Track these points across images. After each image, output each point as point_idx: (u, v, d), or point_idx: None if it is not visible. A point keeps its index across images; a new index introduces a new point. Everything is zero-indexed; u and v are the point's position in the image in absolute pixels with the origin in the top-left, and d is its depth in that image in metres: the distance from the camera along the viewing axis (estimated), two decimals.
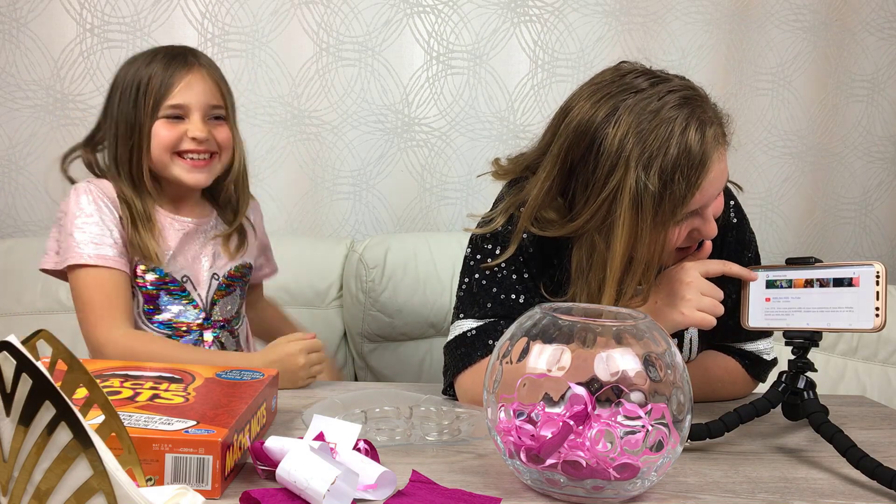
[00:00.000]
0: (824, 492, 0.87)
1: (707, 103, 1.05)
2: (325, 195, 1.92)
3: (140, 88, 1.24)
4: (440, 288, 1.78)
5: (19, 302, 1.70)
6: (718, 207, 1.09)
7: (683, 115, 1.00)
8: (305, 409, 1.02)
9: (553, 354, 0.79)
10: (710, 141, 1.01)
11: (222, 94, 1.29)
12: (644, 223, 1.00)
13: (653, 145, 0.98)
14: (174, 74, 1.24)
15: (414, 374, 1.78)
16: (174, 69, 1.25)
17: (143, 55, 1.29)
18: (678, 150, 0.98)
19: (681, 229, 1.05)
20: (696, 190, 1.00)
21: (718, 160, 1.03)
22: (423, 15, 1.91)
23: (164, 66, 1.25)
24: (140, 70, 1.25)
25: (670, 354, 0.81)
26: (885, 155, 2.11)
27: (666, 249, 1.05)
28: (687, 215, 1.04)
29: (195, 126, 1.25)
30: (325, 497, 0.74)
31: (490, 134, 1.96)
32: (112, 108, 1.28)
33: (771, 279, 1.06)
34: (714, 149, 1.01)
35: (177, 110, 1.25)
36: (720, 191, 1.06)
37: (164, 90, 1.24)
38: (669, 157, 0.98)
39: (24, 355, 0.55)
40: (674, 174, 0.98)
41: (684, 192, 0.99)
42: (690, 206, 1.02)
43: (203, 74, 1.27)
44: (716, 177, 1.02)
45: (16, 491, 0.57)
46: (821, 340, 1.00)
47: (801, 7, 2.02)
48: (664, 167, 0.98)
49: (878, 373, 1.85)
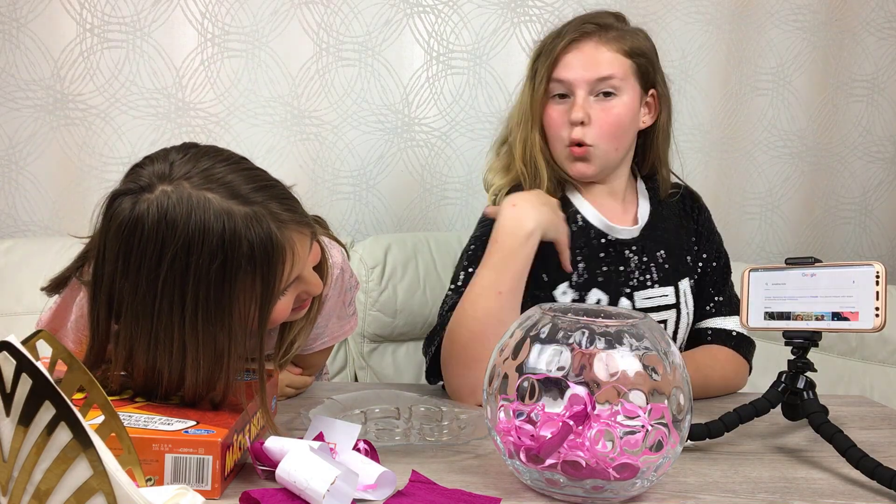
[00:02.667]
0: (824, 492, 0.88)
1: (605, 17, 1.28)
2: (325, 195, 1.92)
3: (242, 266, 0.86)
4: (440, 288, 1.77)
5: (19, 302, 1.69)
6: (599, 113, 1.22)
7: (576, 17, 1.28)
8: (305, 409, 1.02)
9: (553, 354, 0.79)
10: (575, 31, 1.24)
11: (309, 225, 0.97)
12: (528, 91, 1.26)
13: (546, 36, 1.28)
14: (278, 254, 0.89)
15: (414, 374, 1.78)
16: (274, 246, 0.88)
17: (219, 212, 0.86)
18: (553, 34, 1.26)
19: (557, 109, 1.24)
20: (554, 57, 1.23)
21: (579, 48, 1.23)
22: (423, 15, 1.91)
23: (261, 243, 0.87)
24: (241, 233, 0.86)
25: (670, 354, 0.81)
26: (885, 155, 2.11)
27: (546, 123, 1.26)
28: (558, 89, 1.24)
29: (315, 286, 0.98)
30: (324, 497, 0.74)
31: (490, 134, 1.96)
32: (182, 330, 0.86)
33: (771, 279, 1.06)
34: (577, 36, 1.23)
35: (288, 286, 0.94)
36: (582, 76, 1.21)
37: (276, 270, 0.89)
38: (549, 37, 1.26)
39: (24, 355, 0.55)
40: (544, 47, 1.26)
41: (546, 59, 1.24)
42: (553, 72, 1.23)
43: (296, 231, 0.92)
44: (575, 58, 1.23)
45: (16, 491, 0.57)
46: (820, 340, 1.00)
47: (801, 7, 2.01)
48: (543, 43, 1.26)
49: (878, 373, 1.85)
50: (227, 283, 0.85)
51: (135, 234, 0.85)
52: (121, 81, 1.83)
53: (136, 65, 1.83)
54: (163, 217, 0.84)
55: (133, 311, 0.86)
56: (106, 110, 1.84)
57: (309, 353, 1.18)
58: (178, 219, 0.84)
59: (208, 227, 0.85)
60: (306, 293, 0.98)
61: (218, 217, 0.85)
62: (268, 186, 0.92)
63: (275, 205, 0.90)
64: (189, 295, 0.85)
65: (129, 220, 0.85)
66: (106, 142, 1.85)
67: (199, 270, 0.84)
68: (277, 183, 0.95)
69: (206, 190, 0.86)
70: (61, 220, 1.87)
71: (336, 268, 1.13)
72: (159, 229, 0.84)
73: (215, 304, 0.85)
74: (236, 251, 0.85)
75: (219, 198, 0.86)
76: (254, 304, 0.88)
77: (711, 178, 2.03)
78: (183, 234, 0.84)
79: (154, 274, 0.85)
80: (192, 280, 0.84)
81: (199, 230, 0.84)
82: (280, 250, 0.88)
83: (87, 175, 1.84)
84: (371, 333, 1.75)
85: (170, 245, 0.84)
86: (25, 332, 0.63)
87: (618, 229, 1.26)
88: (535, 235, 1.13)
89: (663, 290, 1.29)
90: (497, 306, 1.10)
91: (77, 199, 1.85)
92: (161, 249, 0.84)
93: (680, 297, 1.30)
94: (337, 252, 1.16)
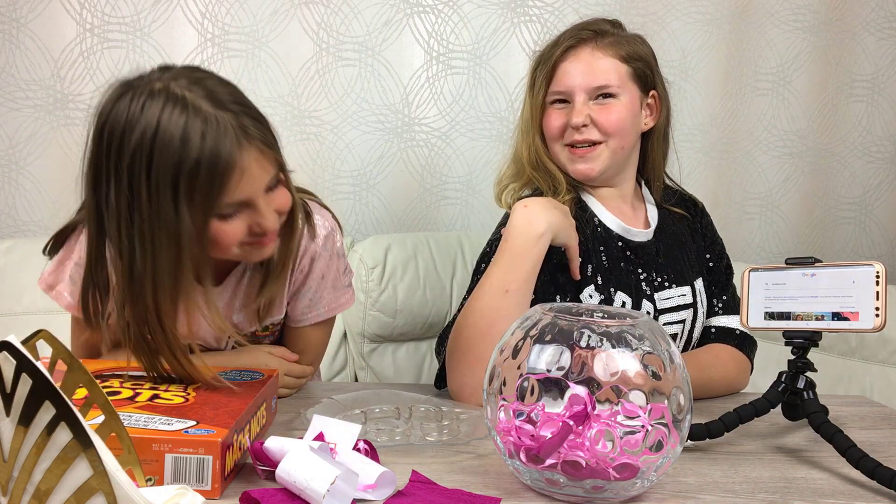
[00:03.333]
0: (824, 492, 0.88)
1: (601, 24, 1.27)
2: (325, 195, 1.92)
3: (179, 182, 0.89)
4: (440, 288, 1.78)
5: (19, 302, 1.70)
6: (599, 114, 1.22)
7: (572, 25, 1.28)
8: (305, 409, 1.02)
9: (553, 354, 0.79)
10: (570, 38, 1.24)
11: (276, 154, 0.98)
12: (529, 99, 1.28)
13: (546, 44, 1.29)
14: (226, 167, 0.90)
15: (414, 374, 1.78)
16: (224, 160, 0.89)
17: (172, 110, 0.89)
18: (549, 43, 1.27)
19: (557, 115, 1.25)
20: (552, 67, 1.24)
21: (576, 56, 1.24)
22: (423, 15, 1.91)
23: (211, 152, 0.89)
24: (183, 148, 0.88)
25: (670, 354, 0.81)
26: (885, 155, 2.11)
27: (546, 129, 1.27)
28: (557, 97, 1.25)
29: (266, 219, 0.97)
30: (324, 497, 0.74)
31: (490, 134, 1.96)
32: (141, 210, 0.90)
33: (771, 279, 1.06)
34: (573, 44, 1.24)
35: (237, 209, 0.95)
36: (580, 84, 1.22)
37: (220, 186, 0.90)
38: (547, 46, 1.27)
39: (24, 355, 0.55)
40: (542, 56, 1.27)
41: (544, 68, 1.25)
42: (552, 84, 1.25)
43: (258, 152, 0.94)
44: (572, 66, 1.23)
45: (16, 491, 0.57)
46: (820, 340, 1.00)
47: (801, 7, 2.02)
48: (542, 52, 1.28)
49: (878, 373, 1.85)
50: (178, 180, 0.89)
51: (106, 124, 0.91)
52: None
53: (136, 65, 1.81)
54: (137, 109, 0.89)
55: (110, 213, 0.92)
56: None
57: (305, 325, 1.17)
58: (148, 111, 0.89)
59: (173, 121, 0.88)
60: (259, 227, 0.97)
61: (182, 114, 0.89)
62: (249, 107, 0.97)
63: (248, 120, 0.94)
64: (149, 190, 0.89)
65: (107, 111, 0.92)
66: None
67: (158, 165, 0.88)
68: (262, 116, 0.98)
69: (188, 90, 0.91)
70: (61, 220, 1.84)
71: (323, 228, 1.14)
72: (130, 119, 0.89)
73: (166, 203, 0.89)
74: (190, 149, 0.88)
75: (195, 97, 0.90)
76: (199, 213, 0.91)
77: (711, 178, 2.03)
78: (147, 126, 0.88)
79: (124, 164, 0.89)
80: (153, 173, 0.88)
81: (165, 123, 0.88)
82: (231, 161, 0.90)
83: None
84: (371, 333, 1.75)
85: (136, 135, 0.88)
86: (25, 332, 0.63)
87: (634, 232, 1.27)
88: (546, 237, 1.14)
89: (681, 289, 1.30)
90: (504, 305, 1.10)
91: (77, 200, 1.84)
92: (128, 137, 0.89)
93: (696, 297, 1.32)
94: (328, 217, 1.17)
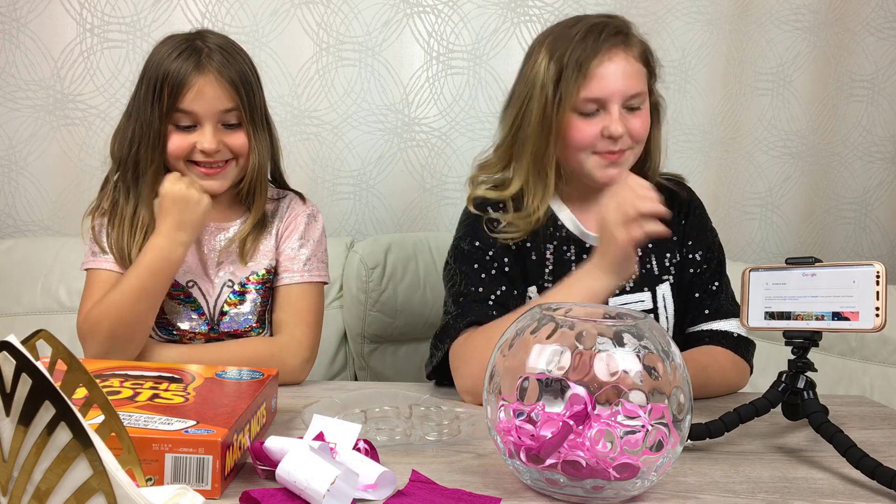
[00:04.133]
0: (824, 492, 0.88)
1: (622, 25, 1.23)
2: (325, 195, 1.92)
3: (157, 86, 1.19)
4: (440, 288, 1.77)
5: (19, 302, 1.70)
6: (632, 122, 1.20)
7: (585, 22, 1.21)
8: (305, 408, 1.02)
9: (553, 354, 0.79)
10: (605, 42, 1.18)
11: (238, 95, 1.22)
12: (550, 107, 1.18)
13: (557, 43, 1.20)
14: (186, 78, 1.18)
15: (414, 374, 1.77)
16: (186, 72, 1.18)
17: (166, 43, 1.23)
18: (573, 42, 1.18)
19: (588, 124, 1.19)
20: (585, 74, 1.17)
21: (611, 60, 1.18)
22: (423, 15, 1.91)
23: (178, 65, 1.18)
24: (163, 62, 1.20)
25: (671, 354, 0.81)
26: (885, 155, 2.11)
27: (574, 139, 1.19)
28: (590, 107, 1.19)
29: (205, 138, 1.20)
30: (324, 497, 0.74)
31: (490, 134, 1.94)
32: (136, 100, 1.23)
33: (771, 279, 1.06)
34: (608, 48, 1.18)
35: (188, 119, 1.20)
36: (617, 90, 1.18)
37: (176, 95, 1.18)
38: (567, 46, 1.18)
39: (24, 355, 0.55)
40: (567, 60, 1.18)
41: (575, 75, 1.17)
42: (585, 90, 1.17)
43: (214, 79, 1.20)
44: (609, 72, 1.18)
45: (16, 491, 0.57)
46: (820, 340, 1.00)
47: (801, 7, 2.02)
48: (561, 55, 1.18)
49: (878, 373, 1.85)
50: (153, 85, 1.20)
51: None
52: (121, 81, 1.83)
53: (136, 65, 1.82)
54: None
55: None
56: (106, 110, 1.84)
57: (294, 281, 1.29)
58: (162, 47, 1.24)
59: (162, 51, 1.22)
60: (201, 150, 1.20)
61: (174, 38, 1.24)
62: (228, 51, 1.23)
63: (217, 55, 1.22)
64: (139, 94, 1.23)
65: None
66: (106, 142, 1.82)
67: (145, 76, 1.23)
68: (242, 63, 1.26)
69: (198, 38, 1.24)
70: (61, 220, 1.87)
71: (311, 206, 1.36)
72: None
73: (143, 101, 1.22)
74: (164, 66, 1.20)
75: (194, 37, 1.23)
76: (157, 117, 1.20)
77: (711, 177, 2.03)
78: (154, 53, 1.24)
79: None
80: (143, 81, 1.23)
81: (160, 52, 1.22)
82: (186, 78, 1.18)
83: (87, 175, 1.84)
84: (371, 334, 1.75)
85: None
86: (25, 332, 0.63)
87: (593, 237, 1.25)
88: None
89: (639, 295, 1.28)
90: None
91: (77, 199, 1.85)
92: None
93: (658, 302, 1.29)
94: (309, 203, 1.36)
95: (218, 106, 1.20)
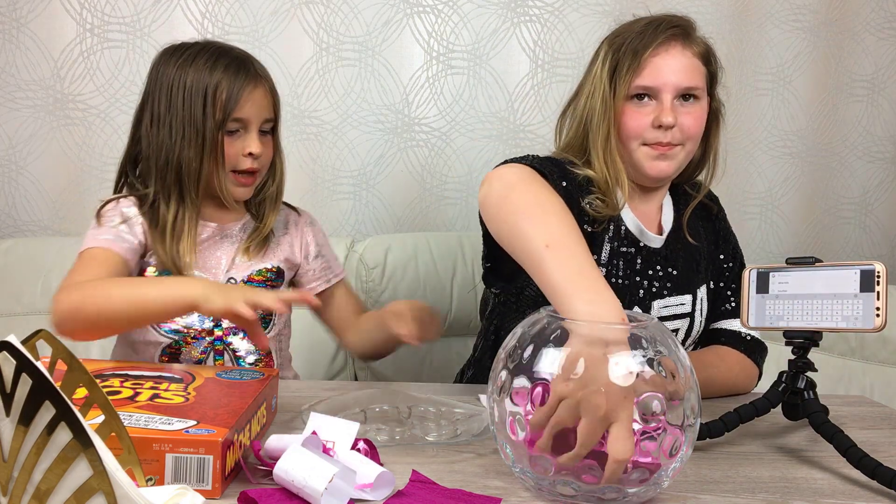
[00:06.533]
0: (824, 492, 0.87)
1: (683, 22, 1.22)
2: (325, 195, 1.92)
3: (207, 96, 1.19)
4: (440, 288, 1.78)
5: (19, 302, 1.70)
6: (684, 117, 1.19)
7: (648, 18, 1.22)
8: (305, 408, 1.02)
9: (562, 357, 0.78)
10: (661, 33, 1.19)
11: (276, 105, 1.27)
12: (608, 96, 1.19)
13: (618, 38, 1.22)
14: (242, 88, 1.20)
15: (414, 374, 1.78)
16: (242, 82, 1.21)
17: (196, 55, 1.22)
18: (632, 34, 1.20)
19: (640, 112, 1.19)
20: (639, 62, 1.18)
21: (667, 52, 1.19)
22: (423, 15, 1.91)
23: (232, 76, 1.20)
24: (204, 76, 1.20)
25: (682, 357, 0.80)
26: (885, 155, 2.11)
27: (626, 126, 1.20)
28: (643, 96, 1.19)
29: (253, 143, 1.22)
30: (322, 494, 0.74)
31: (490, 134, 1.96)
32: (175, 109, 1.20)
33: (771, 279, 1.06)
34: (664, 40, 1.18)
35: (238, 125, 1.22)
36: (672, 82, 1.18)
37: (234, 104, 1.20)
38: (626, 38, 1.20)
39: (24, 355, 0.55)
40: (624, 50, 1.19)
41: (629, 63, 1.18)
42: (638, 78, 1.18)
43: (265, 88, 1.24)
44: (664, 63, 1.18)
45: (16, 491, 0.57)
46: (821, 340, 1.00)
47: (801, 7, 2.02)
48: (619, 45, 1.20)
49: (878, 373, 1.85)
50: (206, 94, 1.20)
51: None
52: (120, 81, 1.83)
53: (136, 65, 1.83)
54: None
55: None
56: (106, 110, 1.84)
57: (332, 284, 1.36)
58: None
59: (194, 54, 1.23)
60: (250, 153, 1.22)
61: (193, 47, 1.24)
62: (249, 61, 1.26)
63: (260, 65, 1.27)
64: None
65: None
66: (106, 142, 1.85)
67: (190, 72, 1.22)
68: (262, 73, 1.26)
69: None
70: (61, 220, 1.87)
71: (305, 216, 1.40)
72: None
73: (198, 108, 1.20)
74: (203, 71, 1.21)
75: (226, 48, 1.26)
76: (212, 126, 1.20)
77: None
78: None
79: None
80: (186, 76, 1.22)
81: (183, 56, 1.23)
82: (244, 87, 1.21)
83: (87, 175, 1.84)
84: None
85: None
86: (25, 332, 0.63)
87: (650, 237, 1.24)
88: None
89: (681, 298, 1.27)
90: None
91: (77, 199, 1.85)
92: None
93: (696, 305, 1.28)
94: (302, 212, 1.40)
95: (265, 114, 1.24)
